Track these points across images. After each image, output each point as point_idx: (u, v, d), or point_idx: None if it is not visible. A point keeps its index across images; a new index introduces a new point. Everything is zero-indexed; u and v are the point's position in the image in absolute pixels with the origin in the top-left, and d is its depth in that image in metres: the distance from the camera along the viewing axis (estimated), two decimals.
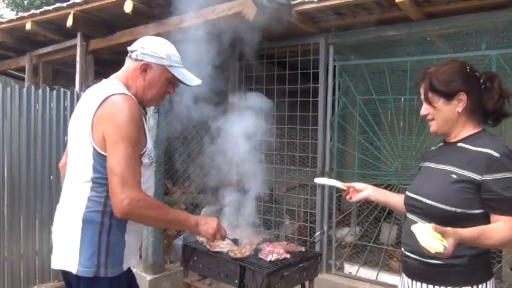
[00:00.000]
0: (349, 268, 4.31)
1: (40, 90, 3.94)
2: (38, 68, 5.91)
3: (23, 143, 3.83)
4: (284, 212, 4.80)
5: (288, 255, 2.73)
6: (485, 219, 1.65)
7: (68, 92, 4.12)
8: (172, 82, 2.02)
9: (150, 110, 4.00)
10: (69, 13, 4.51)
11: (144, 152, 1.86)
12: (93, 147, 1.76)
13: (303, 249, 2.89)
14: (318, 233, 4.24)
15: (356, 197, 2.12)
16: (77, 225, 1.79)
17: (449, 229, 1.45)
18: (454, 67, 1.74)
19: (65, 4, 4.52)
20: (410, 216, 1.84)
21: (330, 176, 4.22)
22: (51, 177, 4.00)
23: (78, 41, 4.88)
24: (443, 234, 1.43)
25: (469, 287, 1.67)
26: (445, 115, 1.74)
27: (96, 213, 1.78)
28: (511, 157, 1.62)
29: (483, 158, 1.63)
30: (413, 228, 1.49)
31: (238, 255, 2.66)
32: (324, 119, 4.29)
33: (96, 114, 1.76)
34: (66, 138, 2.03)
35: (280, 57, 4.66)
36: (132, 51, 1.96)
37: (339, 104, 4.28)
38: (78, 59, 4.91)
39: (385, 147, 4.07)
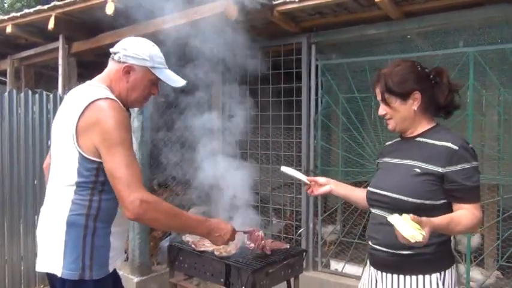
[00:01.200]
0: (335, 265, 4.36)
1: (22, 94, 3.90)
2: (20, 71, 5.86)
3: (6, 147, 3.79)
4: (270, 211, 4.82)
5: (269, 252, 2.74)
6: (447, 209, 1.75)
7: (51, 95, 4.09)
8: (156, 83, 2.00)
9: (134, 112, 3.98)
10: (51, 15, 4.48)
11: None
12: (79, 152, 1.74)
13: (288, 247, 2.92)
14: (301, 230, 4.29)
15: (318, 191, 2.20)
16: (61, 229, 1.78)
17: (424, 219, 1.52)
18: (406, 67, 1.83)
19: (46, 7, 4.48)
20: (374, 211, 1.91)
21: (315, 175, 4.26)
22: (35, 181, 3.97)
23: (60, 43, 4.86)
24: (420, 224, 1.49)
25: (438, 273, 1.75)
26: (402, 114, 1.84)
27: (80, 216, 1.77)
28: (467, 148, 1.73)
29: (443, 151, 1.73)
30: (390, 219, 1.54)
31: (224, 254, 2.68)
32: (307, 117, 4.33)
33: (81, 119, 1.73)
34: (49, 142, 2.01)
35: (263, 57, 4.68)
36: (114, 53, 1.93)
37: (322, 102, 4.32)
38: (60, 61, 4.89)
39: (368, 144, 4.13)
